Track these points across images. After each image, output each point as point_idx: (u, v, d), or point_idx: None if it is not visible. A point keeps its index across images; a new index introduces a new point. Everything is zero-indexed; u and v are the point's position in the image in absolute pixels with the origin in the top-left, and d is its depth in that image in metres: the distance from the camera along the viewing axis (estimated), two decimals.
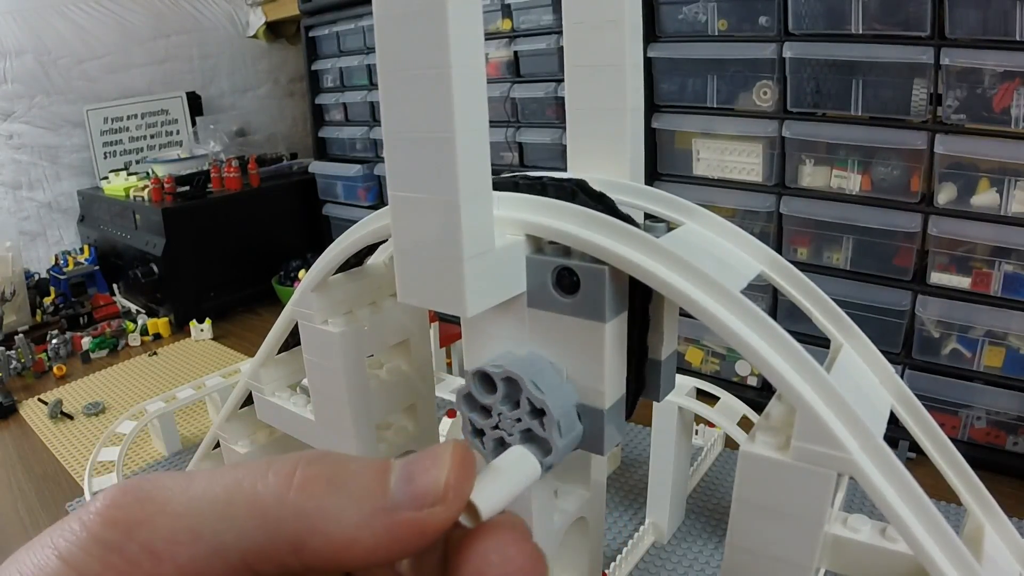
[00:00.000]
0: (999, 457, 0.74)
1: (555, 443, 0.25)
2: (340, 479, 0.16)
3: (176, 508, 0.15)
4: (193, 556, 0.15)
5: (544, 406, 0.25)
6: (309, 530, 0.15)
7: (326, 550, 0.15)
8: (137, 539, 0.15)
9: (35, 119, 1.51)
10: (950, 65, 0.67)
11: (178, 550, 0.15)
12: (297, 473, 0.16)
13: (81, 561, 0.14)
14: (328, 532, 0.15)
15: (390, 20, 0.23)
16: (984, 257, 0.71)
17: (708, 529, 0.68)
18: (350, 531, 0.15)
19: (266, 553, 0.15)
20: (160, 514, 0.15)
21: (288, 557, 0.15)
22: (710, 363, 0.95)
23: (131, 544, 0.15)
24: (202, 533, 0.15)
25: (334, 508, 0.15)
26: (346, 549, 0.15)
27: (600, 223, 0.25)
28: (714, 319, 0.24)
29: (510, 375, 0.25)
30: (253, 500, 0.15)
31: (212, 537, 0.15)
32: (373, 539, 0.15)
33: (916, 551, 0.22)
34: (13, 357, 1.13)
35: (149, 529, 0.15)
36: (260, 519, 0.15)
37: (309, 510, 0.15)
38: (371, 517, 0.16)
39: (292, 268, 1.41)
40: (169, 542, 0.15)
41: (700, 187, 0.88)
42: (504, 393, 0.26)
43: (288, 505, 0.15)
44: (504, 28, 1.07)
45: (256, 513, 0.15)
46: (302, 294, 0.37)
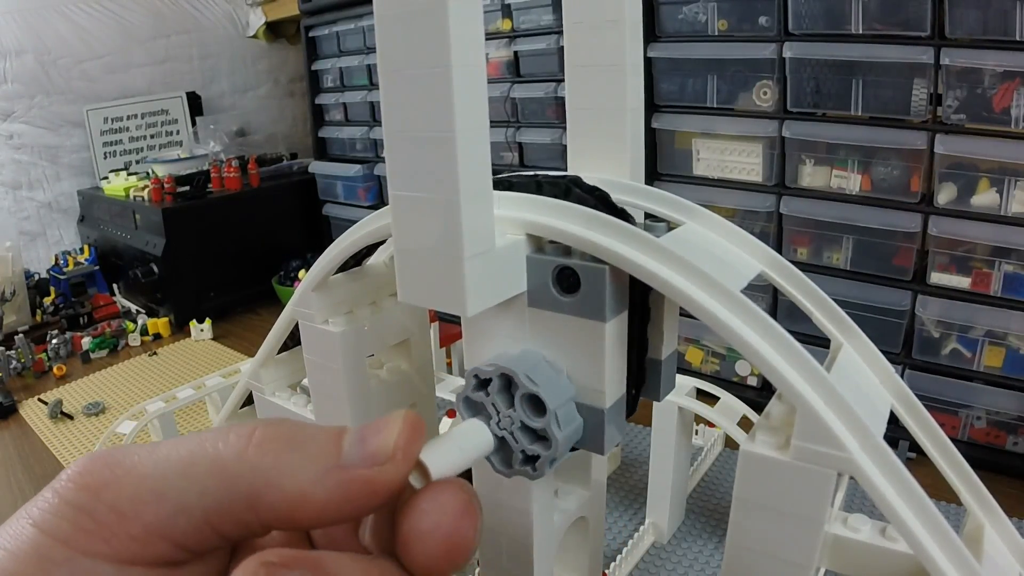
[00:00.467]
0: (999, 457, 0.74)
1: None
2: (297, 439, 0.17)
3: (142, 470, 0.16)
4: (157, 515, 0.16)
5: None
6: (265, 484, 0.16)
7: (281, 505, 0.16)
8: (104, 500, 0.16)
9: (35, 119, 1.51)
10: (950, 65, 0.67)
11: (143, 509, 0.16)
12: (256, 433, 0.17)
13: (53, 525, 0.15)
14: (282, 487, 0.16)
15: (390, 19, 0.23)
16: (984, 257, 0.71)
17: (708, 529, 0.68)
18: (304, 486, 0.16)
19: (225, 510, 0.16)
20: (127, 476, 0.16)
21: (246, 513, 0.16)
22: (710, 363, 0.95)
23: (99, 505, 0.15)
24: (166, 493, 0.16)
25: (289, 465, 0.16)
26: (300, 504, 0.16)
27: (601, 223, 0.25)
28: (714, 319, 0.24)
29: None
30: (214, 459, 0.16)
31: (175, 496, 0.16)
32: (326, 494, 0.16)
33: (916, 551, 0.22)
34: (13, 357, 1.13)
35: (116, 490, 0.16)
36: (219, 476, 0.16)
37: (265, 466, 0.16)
38: (324, 474, 0.16)
39: (292, 268, 1.41)
40: (134, 502, 0.16)
41: (700, 187, 0.88)
42: (500, 391, 0.26)
43: (246, 461, 0.16)
44: (504, 28, 1.07)
45: (216, 470, 0.16)
46: (302, 294, 0.37)
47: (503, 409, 0.26)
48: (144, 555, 0.16)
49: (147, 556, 0.16)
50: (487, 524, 0.33)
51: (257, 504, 0.16)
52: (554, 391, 0.26)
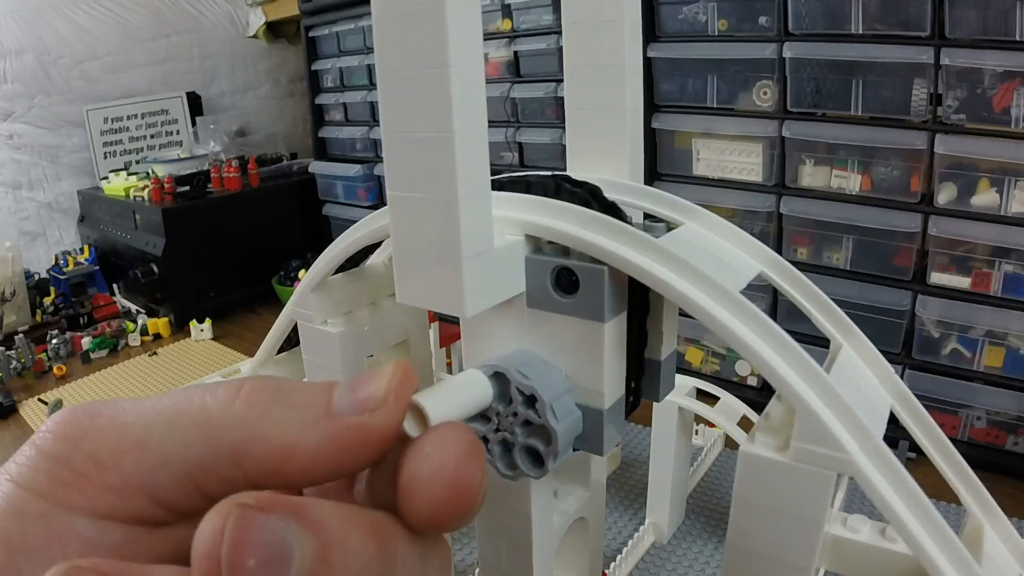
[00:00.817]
0: (999, 457, 0.74)
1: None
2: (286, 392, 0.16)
3: (125, 419, 0.15)
4: (138, 466, 0.15)
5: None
6: (251, 437, 0.15)
7: (267, 457, 0.15)
8: (83, 449, 0.15)
9: (35, 119, 1.51)
10: (950, 65, 0.67)
11: (123, 459, 0.15)
12: (245, 386, 0.16)
13: (30, 478, 0.15)
14: (269, 438, 0.15)
15: (389, 20, 0.23)
16: (984, 257, 0.71)
17: (708, 529, 0.68)
18: (292, 436, 0.15)
19: (209, 464, 0.15)
20: (108, 425, 0.15)
21: (231, 469, 0.15)
22: (710, 363, 0.95)
23: (77, 454, 0.15)
24: (148, 443, 0.15)
25: (277, 416, 0.15)
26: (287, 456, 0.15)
27: (599, 223, 0.25)
28: (713, 320, 0.24)
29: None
30: (200, 410, 0.15)
31: (158, 447, 0.15)
32: (315, 444, 0.15)
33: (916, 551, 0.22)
34: (13, 357, 1.12)
35: (96, 439, 0.15)
36: (205, 427, 0.15)
37: (252, 418, 0.15)
38: (313, 423, 0.15)
39: (292, 268, 1.41)
40: (115, 452, 0.15)
41: (700, 187, 0.88)
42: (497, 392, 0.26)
43: (233, 413, 0.15)
44: (504, 28, 1.07)
45: (201, 421, 0.15)
46: (302, 294, 0.37)
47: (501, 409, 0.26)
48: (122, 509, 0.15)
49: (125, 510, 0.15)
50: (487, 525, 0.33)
51: (243, 458, 0.15)
52: (547, 384, 0.26)
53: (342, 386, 0.16)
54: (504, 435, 0.26)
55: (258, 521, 0.12)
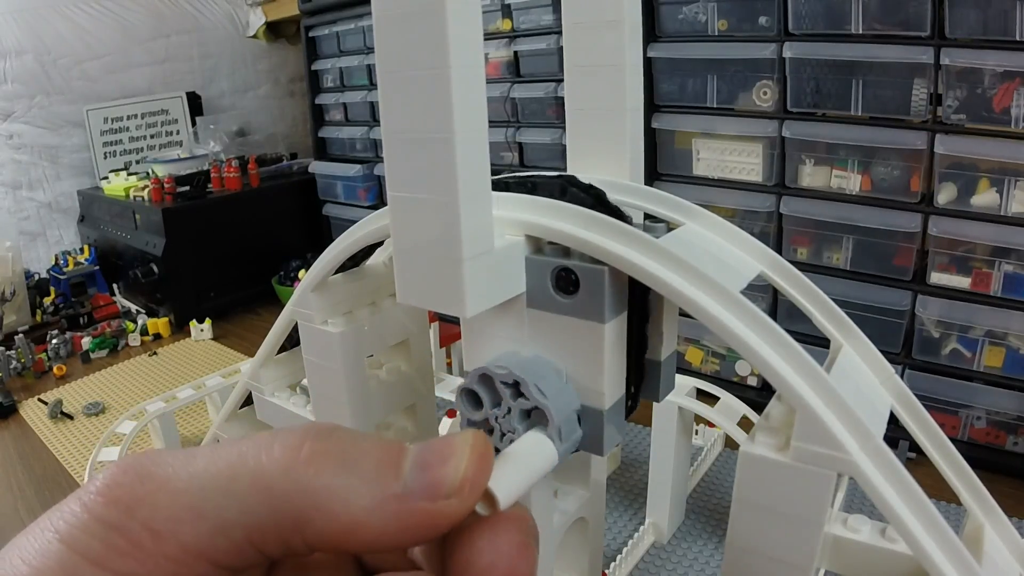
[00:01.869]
0: (999, 457, 0.74)
1: (544, 404, 0.25)
2: (351, 458, 0.15)
3: (177, 485, 0.15)
4: (196, 534, 0.14)
5: (547, 410, 0.25)
6: (315, 508, 0.15)
7: (331, 531, 0.15)
8: (138, 518, 0.14)
9: (35, 119, 1.51)
10: (950, 65, 0.67)
11: (180, 528, 0.14)
12: (305, 447, 0.15)
13: (83, 543, 0.14)
14: (335, 512, 0.15)
15: (389, 20, 0.23)
16: (984, 257, 0.71)
17: (708, 529, 0.68)
18: (358, 514, 0.15)
19: (269, 530, 0.15)
20: (161, 491, 0.15)
21: (292, 535, 0.15)
22: (710, 363, 0.95)
23: (132, 523, 0.14)
24: (204, 511, 0.15)
25: (343, 488, 0.15)
26: (352, 532, 0.15)
27: (600, 223, 0.25)
28: (714, 320, 0.24)
29: (515, 378, 0.25)
30: (257, 474, 0.15)
31: (215, 514, 0.15)
32: (381, 525, 0.15)
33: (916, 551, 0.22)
34: (13, 357, 1.13)
35: (150, 507, 0.14)
36: (264, 494, 0.15)
37: (316, 487, 0.15)
38: (382, 503, 0.15)
39: (292, 268, 1.41)
40: (171, 520, 0.14)
41: (700, 187, 0.88)
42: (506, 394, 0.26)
43: (294, 480, 0.15)
44: (504, 28, 1.07)
45: (260, 488, 0.15)
46: (302, 294, 0.37)
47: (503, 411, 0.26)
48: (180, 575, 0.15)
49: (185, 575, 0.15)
50: None
51: (305, 528, 0.15)
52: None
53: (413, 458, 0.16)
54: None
55: None
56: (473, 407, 0.27)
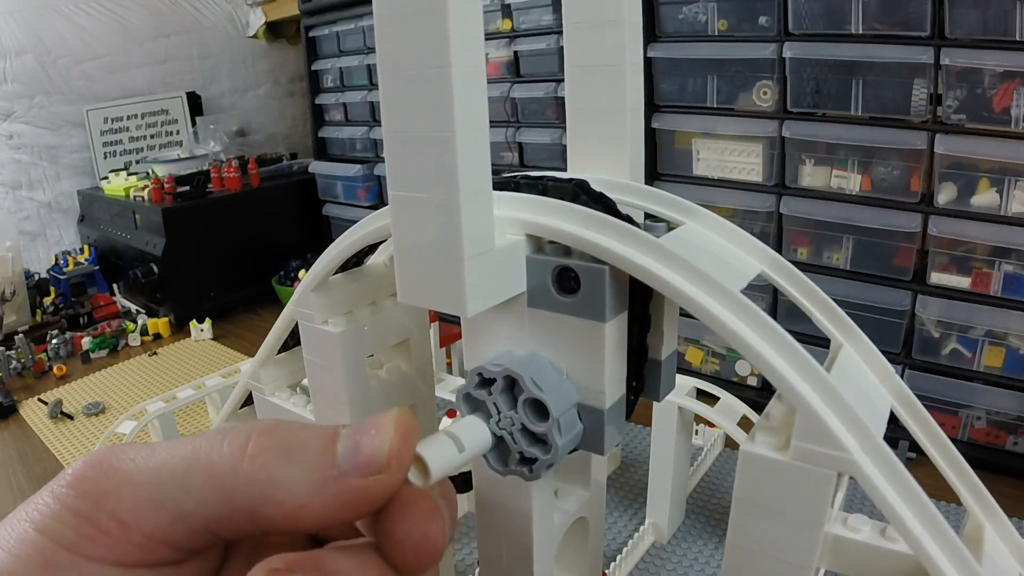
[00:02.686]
0: (999, 457, 0.74)
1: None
2: (291, 449, 0.17)
3: (139, 479, 0.16)
4: (157, 523, 0.16)
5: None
6: (262, 498, 0.16)
7: (279, 517, 0.16)
8: (105, 509, 0.16)
9: (35, 119, 1.51)
10: (950, 65, 0.67)
11: (143, 518, 0.16)
12: (250, 444, 0.17)
13: (56, 531, 0.16)
14: (280, 500, 0.16)
15: (390, 19, 0.23)
16: (984, 257, 0.71)
17: (708, 529, 0.68)
18: (301, 499, 0.16)
19: (224, 519, 0.17)
20: (124, 485, 0.16)
21: (244, 523, 0.17)
22: (710, 363, 0.95)
23: (100, 513, 0.16)
24: (164, 502, 0.16)
25: (285, 478, 0.16)
26: (297, 515, 0.17)
27: (600, 223, 0.25)
28: (714, 319, 0.24)
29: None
30: (209, 470, 0.17)
31: (173, 506, 0.16)
32: (322, 505, 0.17)
33: (916, 551, 0.22)
34: (13, 357, 1.12)
35: (116, 499, 0.16)
36: (217, 489, 0.16)
37: (262, 480, 0.16)
38: (320, 485, 0.17)
39: (292, 268, 1.41)
40: (134, 511, 0.16)
41: (700, 187, 0.88)
42: (503, 391, 0.26)
43: (242, 475, 0.16)
44: (504, 28, 1.07)
45: (213, 483, 0.16)
46: (302, 294, 0.37)
47: (504, 409, 0.26)
48: (147, 559, 0.16)
49: (150, 559, 0.16)
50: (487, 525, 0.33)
51: (256, 516, 0.16)
52: (559, 398, 0.26)
53: (345, 440, 0.17)
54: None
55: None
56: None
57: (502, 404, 0.26)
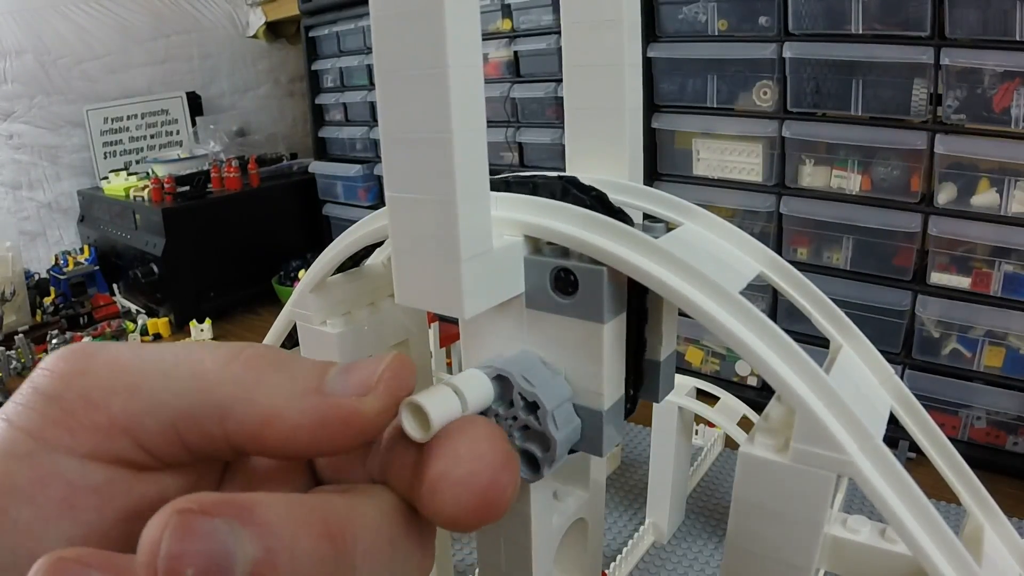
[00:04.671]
0: (999, 457, 0.74)
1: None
2: (284, 362, 0.16)
3: (121, 362, 0.16)
4: (126, 408, 0.15)
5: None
6: (240, 397, 0.15)
7: (249, 421, 0.15)
8: (75, 387, 0.15)
9: (35, 119, 1.51)
10: (950, 65, 0.67)
11: (112, 400, 0.15)
12: (246, 351, 0.16)
13: (24, 417, 0.15)
14: (257, 401, 0.15)
15: (387, 20, 0.22)
16: (984, 257, 0.71)
17: (708, 529, 0.68)
18: (279, 404, 0.15)
19: (195, 417, 0.15)
20: (104, 366, 0.15)
21: (214, 426, 0.15)
22: (710, 363, 0.94)
23: (68, 392, 0.15)
24: (140, 388, 0.15)
25: (269, 382, 0.16)
26: (269, 423, 0.15)
27: (599, 224, 0.25)
28: (713, 320, 0.24)
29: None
30: (197, 365, 0.16)
31: (148, 394, 0.15)
32: (298, 416, 0.15)
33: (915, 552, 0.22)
34: (13, 357, 1.12)
35: (90, 378, 0.15)
36: (198, 380, 0.15)
37: (246, 380, 0.16)
38: (301, 395, 0.16)
39: (292, 268, 1.41)
40: (106, 391, 0.15)
41: (700, 187, 0.88)
42: (498, 393, 0.26)
43: (228, 371, 0.16)
44: (504, 28, 1.07)
45: (196, 375, 0.16)
46: (300, 295, 0.37)
47: (501, 412, 0.26)
48: (105, 449, 0.15)
49: (108, 451, 0.15)
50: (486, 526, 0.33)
51: (227, 417, 0.15)
52: (550, 392, 0.26)
53: (339, 367, 0.17)
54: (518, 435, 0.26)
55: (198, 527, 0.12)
56: None
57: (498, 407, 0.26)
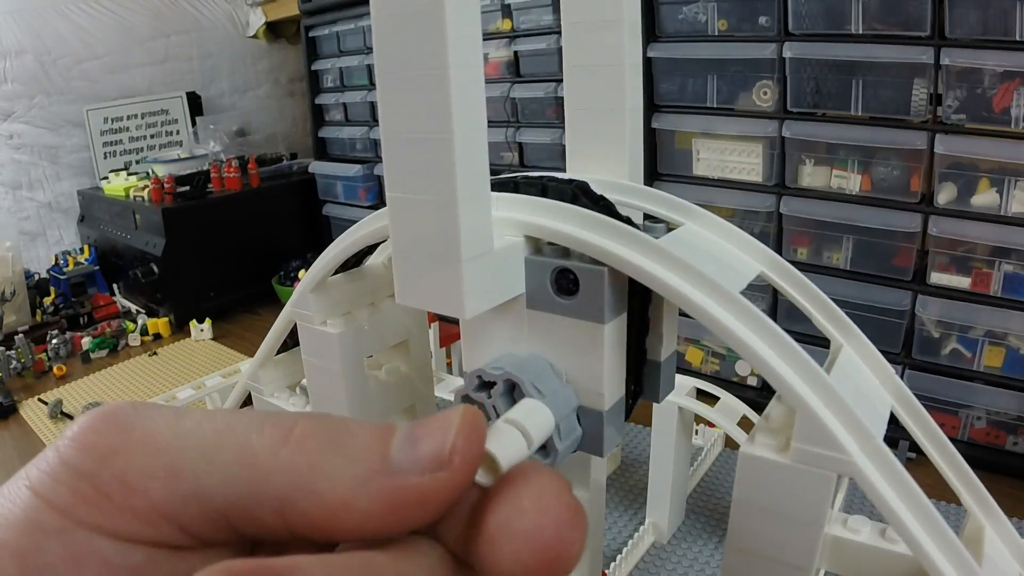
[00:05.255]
0: (999, 457, 0.74)
1: (556, 447, 0.25)
2: (339, 438, 0.14)
3: (158, 441, 0.14)
4: (169, 494, 0.14)
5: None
6: (299, 488, 0.14)
7: (316, 512, 0.14)
8: (111, 468, 0.14)
9: (35, 119, 1.51)
10: (950, 65, 0.67)
11: (153, 485, 0.14)
12: (296, 429, 0.14)
13: (51, 490, 0.14)
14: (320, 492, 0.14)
15: (388, 20, 0.22)
16: (984, 257, 0.71)
17: (708, 529, 0.68)
18: (344, 493, 0.14)
19: (248, 507, 0.14)
20: (140, 444, 0.14)
21: (271, 516, 0.14)
22: (710, 363, 0.94)
23: (104, 472, 0.14)
24: (182, 472, 0.14)
25: (329, 467, 0.14)
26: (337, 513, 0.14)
27: (599, 224, 0.25)
28: (713, 320, 0.24)
29: (511, 378, 0.25)
30: (243, 448, 0.14)
31: (192, 478, 0.14)
32: (368, 504, 0.14)
33: (915, 552, 0.22)
34: (13, 357, 1.12)
35: (125, 459, 0.14)
36: (248, 468, 0.14)
37: (301, 467, 0.14)
38: (368, 479, 0.14)
39: (292, 268, 1.41)
40: (144, 475, 0.14)
41: (700, 187, 0.88)
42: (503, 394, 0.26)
43: (280, 459, 0.14)
44: (504, 28, 1.07)
45: (245, 462, 0.14)
46: (301, 295, 0.37)
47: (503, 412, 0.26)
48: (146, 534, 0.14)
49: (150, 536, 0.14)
50: None
51: (287, 509, 0.14)
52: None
53: (401, 435, 0.15)
54: None
55: None
56: None
57: (501, 407, 0.26)
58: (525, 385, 0.25)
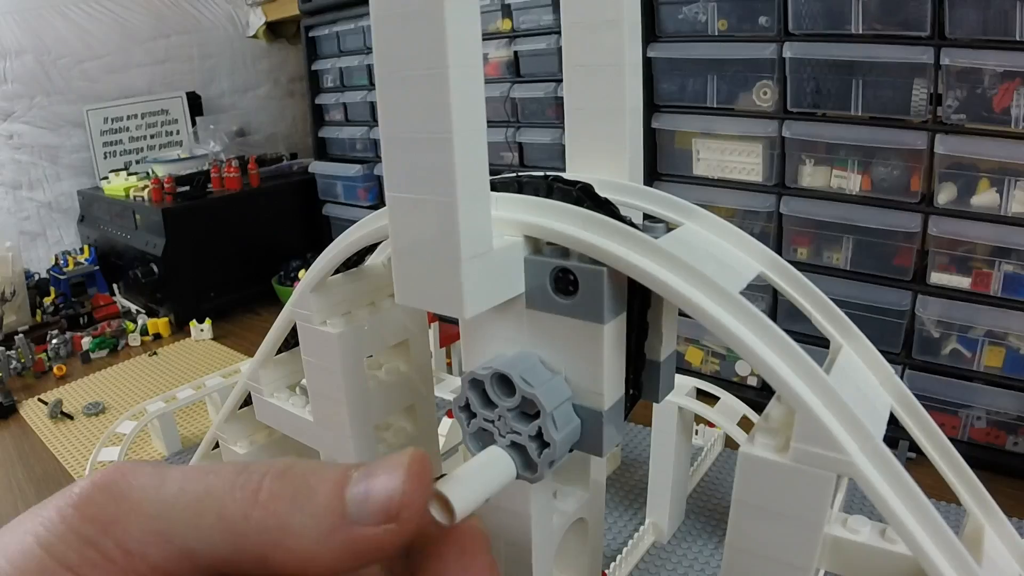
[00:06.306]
0: (999, 457, 0.74)
1: (552, 437, 0.25)
2: (301, 496, 0.17)
3: (148, 509, 0.16)
4: (164, 556, 0.16)
5: (535, 399, 0.25)
6: (272, 545, 0.16)
7: (290, 564, 0.16)
8: (112, 536, 0.16)
9: (35, 119, 1.51)
10: (950, 65, 0.67)
11: (149, 550, 0.16)
12: (262, 490, 0.17)
13: (60, 551, 0.15)
14: (290, 548, 0.16)
15: (387, 20, 0.22)
16: (984, 257, 0.71)
17: (708, 529, 0.68)
18: (311, 547, 0.16)
19: (233, 562, 0.16)
20: (133, 513, 0.16)
21: (254, 566, 0.16)
22: (710, 363, 0.94)
23: (106, 540, 0.16)
24: (172, 537, 0.16)
25: (295, 525, 0.16)
26: (306, 564, 0.16)
27: (599, 224, 0.25)
28: (713, 321, 0.24)
29: (499, 372, 0.25)
30: (221, 513, 0.16)
31: (181, 542, 0.16)
32: (332, 554, 0.16)
33: (915, 552, 0.22)
34: (13, 357, 1.12)
35: (123, 528, 0.16)
36: (227, 533, 0.16)
37: (271, 527, 0.16)
38: (329, 534, 0.16)
39: (292, 268, 1.41)
40: (141, 543, 0.16)
41: (700, 187, 0.88)
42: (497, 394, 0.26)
43: (253, 522, 0.16)
44: (504, 28, 1.07)
45: (223, 527, 0.16)
46: (300, 295, 0.37)
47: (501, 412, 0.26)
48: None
49: None
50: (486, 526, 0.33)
51: (266, 562, 0.16)
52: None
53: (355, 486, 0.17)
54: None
55: None
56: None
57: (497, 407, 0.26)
58: (514, 378, 0.25)
